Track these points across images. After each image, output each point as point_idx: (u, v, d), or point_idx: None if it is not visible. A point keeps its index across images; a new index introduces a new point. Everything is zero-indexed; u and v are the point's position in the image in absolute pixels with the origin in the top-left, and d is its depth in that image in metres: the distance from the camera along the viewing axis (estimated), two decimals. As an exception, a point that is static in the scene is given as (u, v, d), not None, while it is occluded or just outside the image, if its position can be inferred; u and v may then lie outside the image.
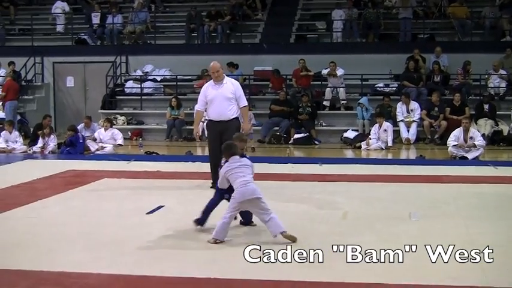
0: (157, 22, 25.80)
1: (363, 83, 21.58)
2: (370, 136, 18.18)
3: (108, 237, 7.69)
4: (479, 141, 15.73)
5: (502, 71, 21.09)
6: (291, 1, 25.91)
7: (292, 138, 19.53)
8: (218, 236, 7.40)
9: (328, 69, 21.14)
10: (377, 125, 18.28)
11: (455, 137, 15.83)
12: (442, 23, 23.77)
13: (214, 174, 11.28)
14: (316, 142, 19.59)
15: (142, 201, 9.97)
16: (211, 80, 11.24)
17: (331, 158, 15.96)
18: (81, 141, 17.15)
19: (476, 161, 15.16)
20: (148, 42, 25.04)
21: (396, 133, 19.50)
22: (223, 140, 11.16)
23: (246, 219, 8.09)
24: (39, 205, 9.84)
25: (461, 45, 22.68)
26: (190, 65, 22.92)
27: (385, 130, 18.24)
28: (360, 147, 18.01)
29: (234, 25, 24.74)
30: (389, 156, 17.13)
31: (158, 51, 24.11)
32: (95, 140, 17.46)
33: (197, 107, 11.46)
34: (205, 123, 11.86)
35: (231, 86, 11.13)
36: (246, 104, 11.38)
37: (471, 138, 15.70)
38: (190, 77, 23.16)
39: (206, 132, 11.73)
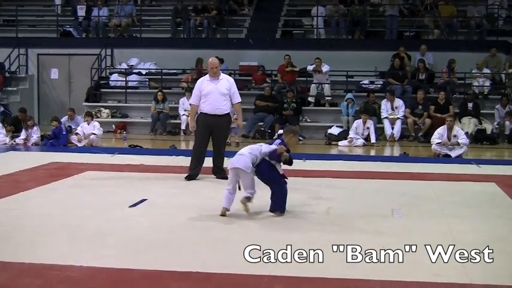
0: (143, 15, 25.71)
1: (348, 79, 21.62)
2: (350, 134, 18.30)
3: (90, 230, 7.66)
4: (463, 139, 15.81)
5: (486, 70, 21.20)
6: (277, -4, 25.90)
7: (276, 134, 19.50)
8: (225, 204, 8.35)
9: (314, 66, 21.17)
10: (360, 122, 18.38)
11: (439, 134, 15.90)
12: (427, 21, 23.81)
13: (196, 165, 11.42)
14: (300, 138, 19.59)
15: (126, 194, 9.94)
16: (207, 75, 11.55)
17: (315, 154, 15.96)
18: (64, 133, 17.10)
19: (459, 159, 15.24)
20: (134, 35, 24.97)
21: (380, 130, 19.58)
22: (213, 133, 11.34)
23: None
24: (21, 197, 9.79)
25: (447, 43, 22.77)
26: (176, 59, 22.91)
27: (368, 128, 18.36)
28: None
29: (220, 20, 24.71)
30: (373, 153, 17.19)
31: (144, 44, 24.03)
32: (77, 134, 17.34)
33: (192, 101, 11.76)
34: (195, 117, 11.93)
35: (227, 82, 11.52)
36: (240, 100, 11.78)
37: (455, 136, 15.77)
38: (175, 71, 23.11)
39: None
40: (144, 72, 23.45)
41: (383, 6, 24.10)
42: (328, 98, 21.30)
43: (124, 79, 23.01)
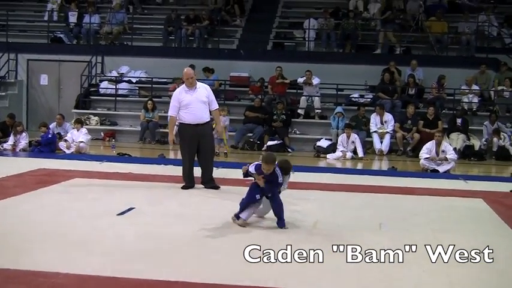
0: (135, 24, 25.71)
1: (338, 92, 21.69)
2: (338, 148, 18.36)
3: (78, 238, 7.63)
4: (451, 155, 15.85)
5: (475, 87, 21.31)
6: (269, 8, 25.97)
7: (265, 145, 19.55)
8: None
9: (304, 78, 21.22)
10: (344, 136, 18.45)
11: (427, 149, 15.94)
12: (418, 36, 23.94)
13: (191, 176, 11.42)
14: (289, 150, 19.63)
15: (114, 202, 9.91)
16: (183, 85, 11.54)
17: (303, 166, 15.96)
18: (49, 136, 17.07)
19: (447, 175, 15.28)
20: (125, 43, 24.97)
21: (369, 144, 19.64)
22: (201, 142, 11.35)
23: None
24: (8, 203, 9.75)
25: (437, 59, 22.89)
26: (167, 67, 22.90)
27: (353, 142, 18.41)
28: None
29: (211, 30, 24.75)
30: (361, 167, 17.22)
31: (135, 52, 24.04)
32: (66, 141, 17.27)
33: (171, 112, 11.72)
34: (176, 128, 11.95)
35: (205, 90, 11.58)
36: (218, 107, 11.94)
37: (443, 151, 15.82)
38: (166, 80, 23.10)
39: (178, 136, 11.86)
40: (134, 80, 23.43)
41: (374, 21, 24.21)
42: (317, 110, 21.36)
43: (114, 87, 22.99)
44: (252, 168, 8.65)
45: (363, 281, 6.09)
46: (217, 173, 12.10)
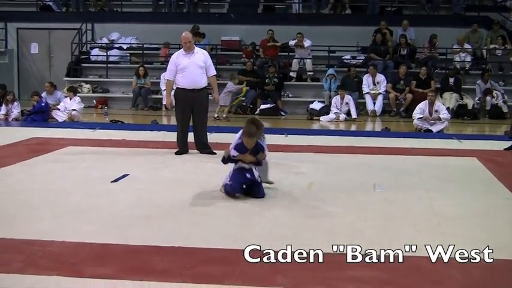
0: (124, -11, 25.47)
1: (330, 54, 21.60)
2: (332, 110, 18.34)
3: (72, 205, 7.63)
4: (444, 114, 15.85)
5: (467, 45, 21.25)
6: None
7: (258, 109, 19.53)
8: None
9: (296, 40, 21.12)
10: (338, 97, 18.43)
11: (420, 110, 15.93)
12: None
13: (184, 141, 11.41)
14: (282, 113, 19.60)
15: (107, 170, 9.90)
16: (181, 50, 11.46)
17: (297, 129, 15.98)
18: (42, 104, 16.97)
19: (440, 134, 15.29)
20: (115, 9, 24.75)
21: (362, 105, 19.63)
22: (195, 108, 11.31)
23: None
24: (2, 172, 9.73)
25: (429, 18, 22.79)
26: (157, 33, 22.71)
27: (347, 103, 18.40)
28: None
29: (201, -6, 24.55)
30: (355, 128, 17.22)
31: (124, 19, 23.85)
32: (58, 109, 17.20)
33: (167, 76, 11.65)
34: (172, 92, 11.89)
35: (202, 55, 11.49)
36: (215, 73, 11.85)
37: (436, 111, 15.81)
38: (157, 46, 22.95)
39: (174, 100, 11.80)
40: (125, 47, 23.28)
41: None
42: (310, 73, 21.29)
43: (105, 54, 22.85)
44: (233, 152, 8.08)
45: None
46: (211, 137, 12.07)
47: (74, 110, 17.00)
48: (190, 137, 11.58)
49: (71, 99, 17.24)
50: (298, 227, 6.82)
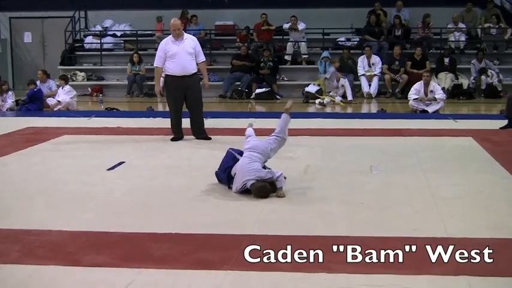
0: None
1: (325, 37, 21.55)
2: (330, 92, 18.31)
3: (69, 194, 7.62)
4: (440, 94, 15.84)
5: (461, 25, 21.20)
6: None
7: (253, 93, 19.49)
8: None
9: (290, 24, 21.06)
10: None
11: (415, 90, 15.91)
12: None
13: (179, 128, 11.39)
14: (277, 97, 19.57)
15: (103, 158, 9.88)
16: (170, 36, 11.39)
17: (292, 112, 15.87)
18: (35, 90, 16.89)
19: (436, 115, 15.29)
20: (108, -4, 24.65)
21: (357, 87, 19.60)
22: (188, 94, 11.28)
23: None
24: (-3, 162, 9.72)
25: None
26: (151, 19, 22.64)
27: (342, 85, 18.36)
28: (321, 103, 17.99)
29: (195, -22, 24.41)
30: (351, 110, 17.20)
31: (118, 5, 23.69)
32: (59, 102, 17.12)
33: (156, 63, 11.59)
34: (163, 80, 11.86)
35: (191, 41, 11.43)
36: (205, 59, 11.79)
37: (431, 91, 15.80)
38: (150, 32, 22.88)
39: (165, 88, 11.77)
40: (119, 34, 23.21)
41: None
42: (304, 56, 21.24)
43: (99, 41, 22.78)
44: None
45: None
46: (207, 123, 12.04)
47: (59, 101, 16.84)
48: (185, 123, 11.55)
49: (62, 87, 17.12)
50: (295, 211, 6.81)
